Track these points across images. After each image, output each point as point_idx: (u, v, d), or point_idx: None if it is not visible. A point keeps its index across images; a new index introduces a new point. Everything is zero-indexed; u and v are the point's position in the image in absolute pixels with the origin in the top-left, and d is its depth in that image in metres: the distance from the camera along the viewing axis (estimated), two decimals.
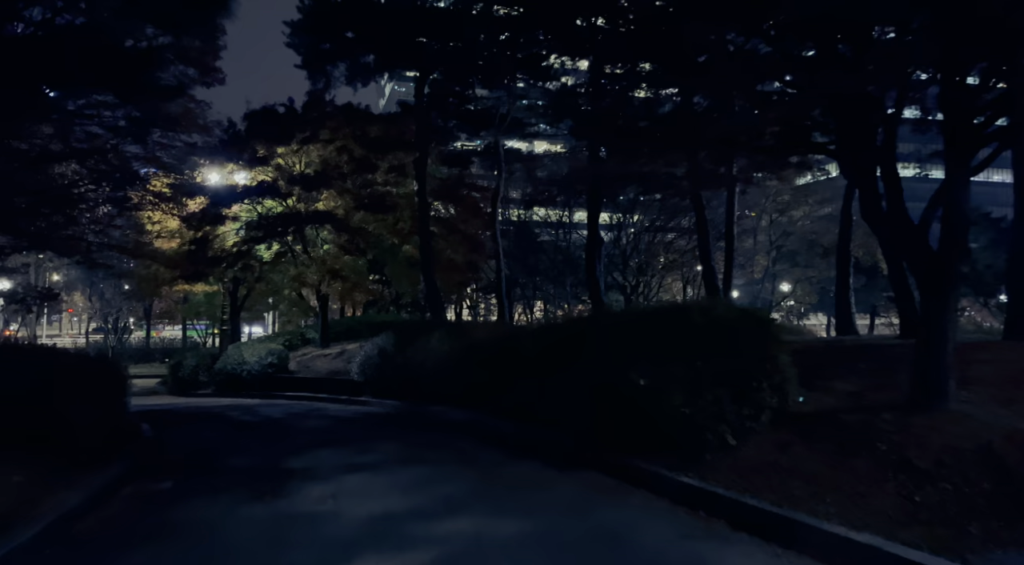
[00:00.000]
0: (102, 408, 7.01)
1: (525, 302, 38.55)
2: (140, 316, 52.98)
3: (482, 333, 13.48)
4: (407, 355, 13.77)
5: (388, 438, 8.98)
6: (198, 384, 20.58)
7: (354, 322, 26.30)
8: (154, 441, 8.38)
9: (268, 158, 17.64)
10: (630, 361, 6.58)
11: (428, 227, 17.68)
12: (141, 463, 6.70)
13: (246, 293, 27.42)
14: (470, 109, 21.01)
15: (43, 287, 30.47)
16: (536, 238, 34.30)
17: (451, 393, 11.86)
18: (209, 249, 18.01)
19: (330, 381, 16.69)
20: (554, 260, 31.84)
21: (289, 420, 11.69)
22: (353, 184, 17.87)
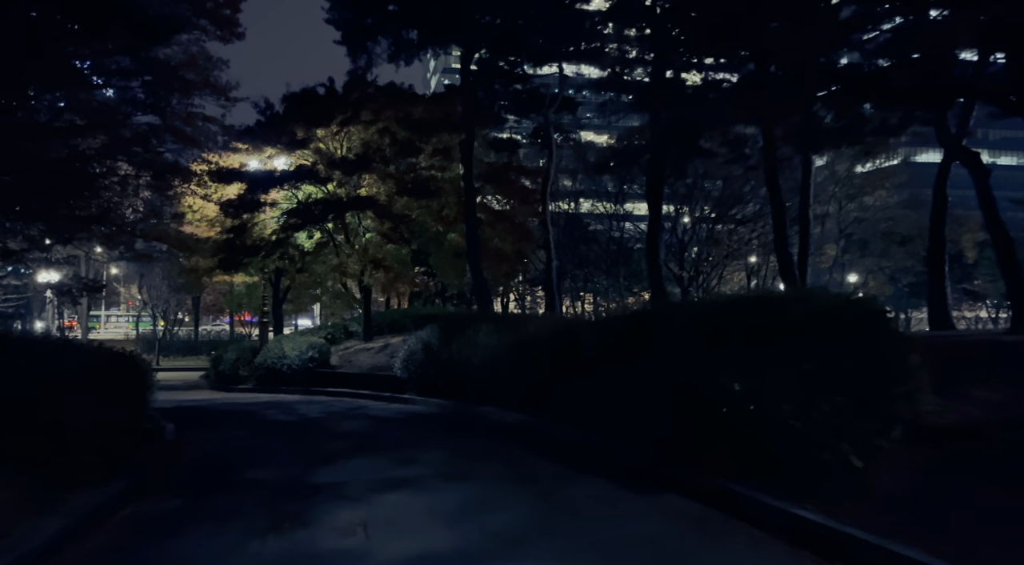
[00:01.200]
0: (110, 411, 6.26)
1: (573, 295, 37.42)
2: (189, 309, 53.82)
3: (534, 327, 12.42)
4: (453, 350, 12.95)
5: (432, 445, 8.07)
6: (238, 378, 20.19)
7: (398, 315, 25.64)
8: (174, 446, 7.66)
9: (307, 141, 16.96)
10: (716, 361, 5.51)
11: (475, 213, 16.74)
12: (150, 475, 5.94)
13: (288, 285, 27.07)
14: (518, 89, 19.98)
15: (89, 279, 30.87)
16: (586, 228, 33.14)
17: (500, 392, 11.02)
18: (247, 237, 17.49)
19: (372, 377, 15.99)
20: (607, 250, 30.61)
21: (326, 421, 10.94)
22: (396, 168, 17.08)
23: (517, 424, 9.54)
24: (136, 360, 8.44)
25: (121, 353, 8.28)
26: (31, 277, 32.53)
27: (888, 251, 33.73)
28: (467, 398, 11.98)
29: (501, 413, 10.49)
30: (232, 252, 17.34)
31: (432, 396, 13.14)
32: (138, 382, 7.95)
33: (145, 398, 8.21)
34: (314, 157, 17.22)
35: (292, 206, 17.43)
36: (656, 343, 6.82)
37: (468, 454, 7.38)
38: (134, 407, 7.52)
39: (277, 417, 11.61)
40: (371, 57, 16.34)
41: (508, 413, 10.38)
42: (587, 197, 33.72)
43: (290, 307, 32.13)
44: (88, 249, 36.78)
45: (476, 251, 16.80)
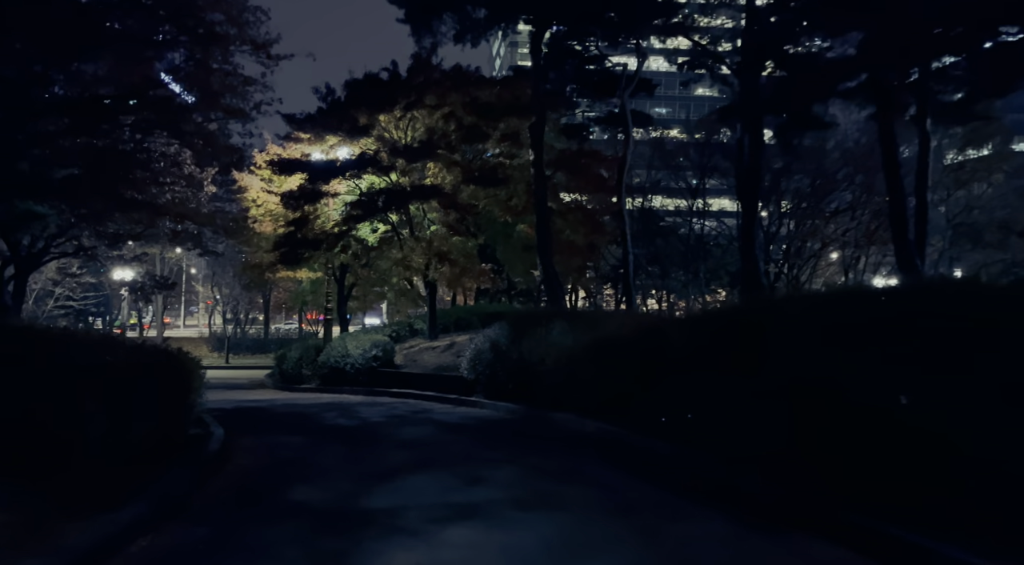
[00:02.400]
0: (139, 418, 5.57)
1: (644, 292, 35.84)
2: (260, 307, 55.05)
3: (614, 325, 11.33)
4: (523, 350, 12.04)
5: (504, 459, 7.10)
6: (302, 378, 19.87)
7: (464, 312, 24.94)
8: (217, 456, 6.95)
9: (369, 128, 16.33)
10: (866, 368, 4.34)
11: (545, 202, 15.73)
12: (180, 494, 5.17)
13: (353, 281, 26.78)
14: (590, 70, 18.87)
15: (161, 276, 31.63)
16: (659, 222, 31.60)
17: (577, 397, 10.06)
18: (308, 231, 17.03)
19: (437, 378, 15.25)
20: (685, 245, 28.97)
21: (387, 426, 10.16)
22: (461, 156, 16.23)
23: (597, 434, 8.58)
24: (180, 360, 7.81)
25: (163, 352, 7.67)
26: (105, 275, 33.56)
27: (1006, 242, 30.67)
28: (539, 403, 11.09)
29: (578, 421, 9.58)
30: (293, 246, 16.91)
31: (501, 399, 12.29)
32: (180, 384, 7.29)
33: (188, 402, 7.57)
34: (376, 144, 16.58)
35: (354, 198, 16.85)
36: (771, 341, 5.69)
37: (546, 473, 6.38)
38: (173, 413, 6.86)
39: (336, 421, 10.94)
40: (436, 37, 15.58)
41: (586, 421, 9.48)
42: (661, 193, 32.23)
43: (355, 305, 31.93)
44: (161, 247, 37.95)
45: (547, 243, 15.78)
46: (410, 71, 16.77)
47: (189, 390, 7.71)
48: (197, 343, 48.41)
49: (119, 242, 24.38)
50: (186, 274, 57.01)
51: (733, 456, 5.62)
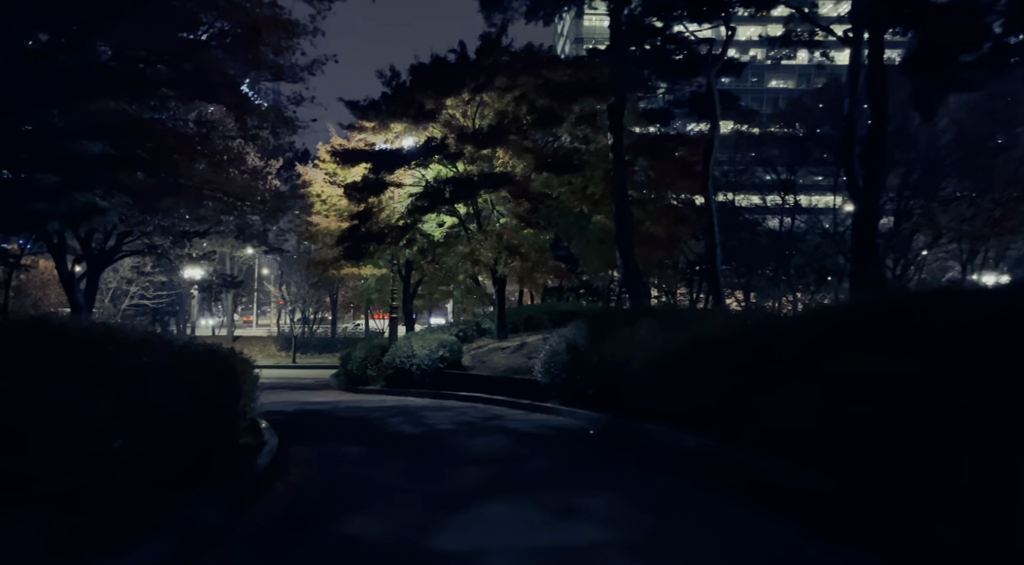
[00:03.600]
0: (175, 430, 4.78)
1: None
2: (328, 306, 55.63)
3: (709, 324, 10.08)
4: (604, 352, 10.95)
5: (595, 482, 6.05)
6: (366, 379, 19.31)
7: (534, 311, 23.96)
8: (267, 471, 6.16)
9: (436, 113, 15.52)
10: None
11: (625, 189, 14.57)
12: (214, 523, 4.33)
13: (419, 279, 26.21)
14: (671, 49, 17.54)
15: (229, 275, 32.00)
16: (739, 215, 29.79)
17: (670, 406, 8.90)
18: (372, 224, 16.38)
19: (508, 381, 14.32)
20: (774, 240, 27.08)
21: (456, 435, 9.26)
22: (533, 142, 15.22)
23: (699, 451, 7.42)
24: (228, 361, 7.08)
25: (209, 352, 6.94)
26: (176, 274, 34.25)
27: None
28: (624, 411, 9.97)
29: (673, 434, 8.43)
30: (357, 240, 16.29)
31: (580, 407, 11.25)
32: (226, 389, 6.53)
33: (237, 408, 6.81)
34: (443, 130, 15.76)
35: (420, 189, 16.11)
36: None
37: (653, 503, 5.29)
38: (218, 422, 6.09)
39: (401, 428, 10.12)
40: (507, 14, 14.63)
41: (682, 434, 8.32)
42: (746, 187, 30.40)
43: (421, 303, 31.47)
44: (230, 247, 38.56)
45: (627, 234, 14.61)
46: (479, 52, 15.89)
47: (238, 395, 6.97)
48: (266, 342, 49.26)
49: (187, 239, 24.62)
50: (258, 274, 58.21)
51: (885, 483, 4.41)
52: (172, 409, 4.85)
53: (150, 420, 4.45)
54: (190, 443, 5.17)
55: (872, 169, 11.02)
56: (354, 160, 16.37)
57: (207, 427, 5.69)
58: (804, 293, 28.82)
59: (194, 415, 5.31)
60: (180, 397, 5.08)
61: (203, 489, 4.95)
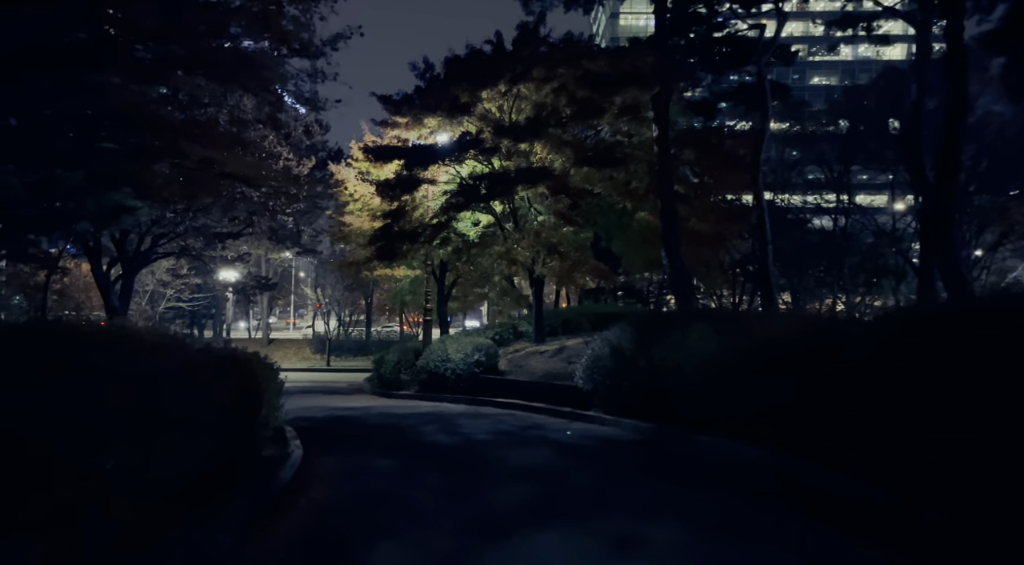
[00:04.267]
0: (186, 442, 4.30)
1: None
2: (363, 309, 55.66)
3: (768, 328, 9.34)
4: (653, 357, 10.31)
5: (652, 503, 5.44)
6: (399, 383, 18.86)
7: (572, 313, 23.28)
8: (288, 488, 5.69)
9: (471, 105, 14.99)
10: None
11: (671, 183, 13.84)
12: (222, 551, 3.82)
13: (453, 280, 25.75)
14: (718, 38, 16.75)
15: (262, 277, 32.02)
16: (788, 213, 28.66)
17: (725, 416, 8.17)
18: (405, 222, 15.93)
19: (548, 387, 13.71)
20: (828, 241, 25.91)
21: (494, 447, 8.68)
22: (573, 135, 14.58)
23: (761, 465, 6.80)
24: (248, 366, 6.60)
25: (228, 356, 6.48)
26: (211, 276, 34.42)
27: None
28: (674, 421, 9.15)
29: (731, 446, 7.81)
30: (390, 239, 15.84)
31: (625, 415, 10.61)
32: (246, 396, 6.05)
33: (257, 418, 6.33)
34: (479, 124, 15.23)
35: (454, 187, 15.60)
36: None
37: (719, 528, 4.65)
38: (236, 432, 5.62)
39: (434, 437, 9.58)
40: (545, 2, 14.01)
41: (741, 447, 7.69)
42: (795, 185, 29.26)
43: (456, 305, 31.05)
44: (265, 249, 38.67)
45: (673, 230, 13.87)
46: (515, 43, 15.34)
47: (258, 404, 6.48)
48: (300, 345, 49.42)
49: (220, 241, 24.59)
50: (295, 278, 58.62)
51: None
52: (182, 419, 4.36)
53: (158, 431, 3.97)
54: (204, 457, 4.70)
55: (949, 160, 10.06)
56: (387, 157, 15.95)
57: (223, 439, 5.21)
58: (857, 295, 27.57)
59: (208, 426, 4.83)
60: (192, 406, 4.59)
61: (216, 508, 4.46)
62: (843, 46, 78.28)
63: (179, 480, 4.40)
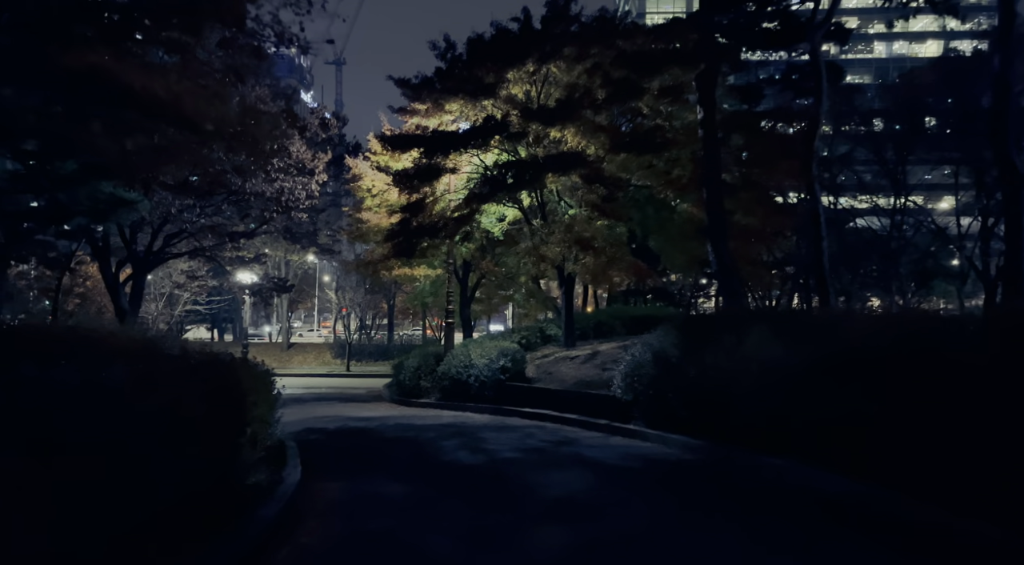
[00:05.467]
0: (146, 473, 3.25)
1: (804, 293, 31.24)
2: (385, 313, 54.88)
3: (846, 330, 8.09)
4: (704, 363, 9.20)
5: (734, 554, 4.25)
6: (420, 390, 17.82)
7: (604, 316, 22.08)
8: (273, 527, 4.63)
9: (496, 87, 13.89)
10: None
11: (719, 171, 12.62)
12: None
13: (477, 280, 24.72)
14: (767, 12, 15.45)
15: (278, 278, 31.26)
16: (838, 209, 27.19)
17: (795, 433, 7.03)
18: (425, 216, 14.87)
19: (581, 397, 12.59)
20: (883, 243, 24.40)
21: (524, 467, 7.60)
22: (609, 118, 13.42)
23: (846, 497, 5.80)
24: (233, 375, 5.56)
25: (209, 364, 5.44)
26: (227, 278, 33.75)
27: None
28: (730, 438, 8.12)
29: (805, 473, 6.82)
30: (407, 235, 14.79)
31: (671, 430, 9.42)
32: (228, 413, 5.01)
33: (240, 438, 5.28)
34: (505, 107, 14.12)
35: (477, 177, 14.51)
36: None
37: None
38: (214, 456, 4.58)
39: (456, 455, 8.51)
40: None
41: (819, 473, 6.73)
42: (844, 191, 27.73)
43: (480, 308, 29.99)
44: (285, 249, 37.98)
45: (720, 223, 12.64)
46: (544, 21, 14.24)
47: (242, 420, 5.42)
48: (321, 349, 48.76)
49: (235, 240, 23.81)
50: (318, 281, 58.10)
51: None
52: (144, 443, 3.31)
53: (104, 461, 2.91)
54: (174, 487, 3.64)
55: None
56: (405, 146, 14.91)
57: (188, 468, 4.15)
58: (910, 297, 25.94)
59: (179, 449, 3.78)
60: (159, 427, 3.54)
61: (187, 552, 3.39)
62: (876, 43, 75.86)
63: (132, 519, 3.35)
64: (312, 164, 19.10)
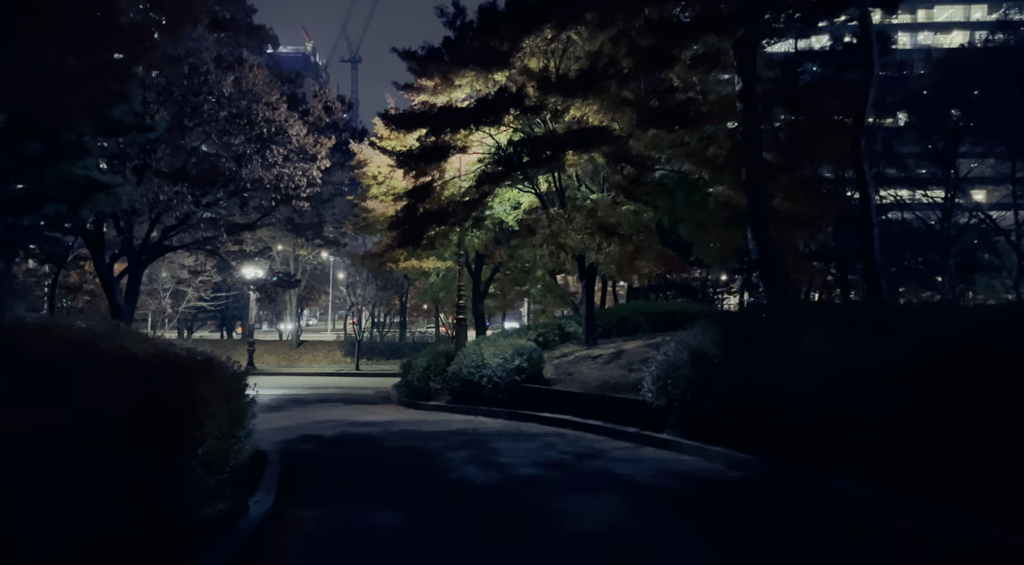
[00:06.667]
0: None
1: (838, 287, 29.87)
2: (398, 310, 53.98)
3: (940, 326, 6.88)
4: (752, 365, 8.10)
5: None
6: (429, 392, 16.75)
7: (628, 312, 20.90)
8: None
9: (510, 56, 12.72)
10: None
11: (760, 148, 11.38)
12: None
13: (490, 274, 23.65)
14: None
15: (284, 273, 30.34)
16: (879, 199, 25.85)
17: (863, 446, 6.10)
18: (432, 202, 13.77)
19: (605, 401, 11.47)
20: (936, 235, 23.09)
21: (544, 489, 6.56)
22: (635, 92, 12.24)
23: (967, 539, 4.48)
24: (188, 380, 4.49)
25: (155, 366, 4.37)
26: (231, 274, 32.85)
27: None
28: (786, 452, 7.05)
29: (888, 499, 5.85)
30: (413, 222, 13.69)
31: (712, 441, 8.32)
32: (171, 429, 3.95)
33: (186, 460, 4.21)
34: (521, 78, 12.95)
35: (489, 157, 13.37)
36: None
37: None
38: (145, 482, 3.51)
39: (464, 472, 7.45)
40: None
41: (901, 500, 5.45)
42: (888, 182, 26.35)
43: (493, 304, 28.90)
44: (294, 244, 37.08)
45: (763, 206, 11.43)
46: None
47: (192, 439, 4.35)
48: (331, 347, 47.93)
49: (236, 232, 22.88)
50: (332, 277, 57.36)
51: None
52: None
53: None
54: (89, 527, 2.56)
55: None
56: (411, 125, 13.78)
57: (99, 502, 3.08)
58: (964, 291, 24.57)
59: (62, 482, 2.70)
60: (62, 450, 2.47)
61: None
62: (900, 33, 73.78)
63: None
64: (314, 149, 18.08)
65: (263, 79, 16.91)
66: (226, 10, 20.04)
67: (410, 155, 13.32)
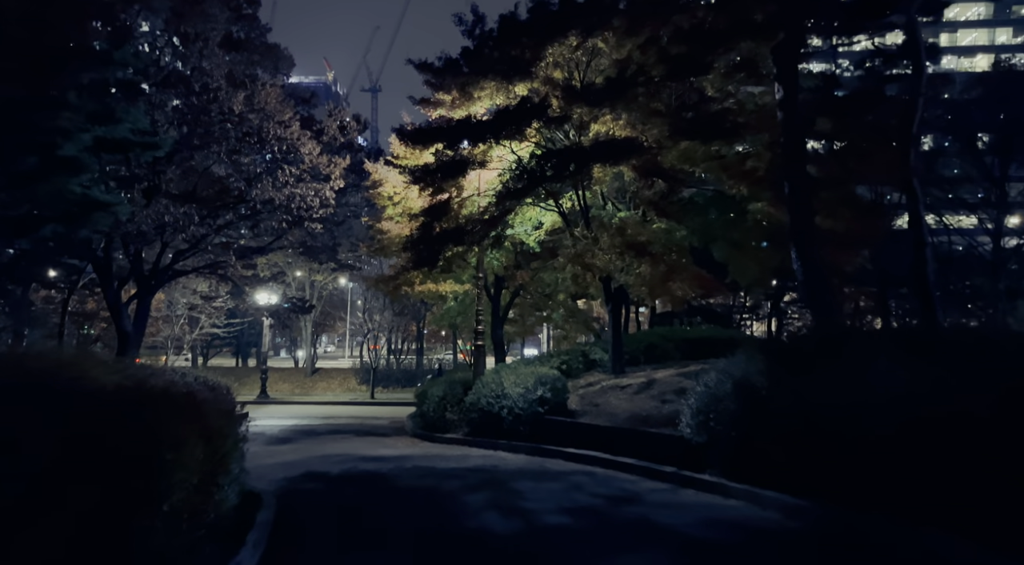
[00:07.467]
0: None
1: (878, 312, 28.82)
2: (415, 336, 53.28)
3: None
4: (807, 398, 7.21)
5: None
6: (445, 424, 15.91)
7: (656, 338, 19.96)
8: None
9: (532, 64, 12.06)
10: None
11: (803, 160, 10.58)
12: None
13: (510, 298, 22.84)
14: None
15: (297, 298, 29.82)
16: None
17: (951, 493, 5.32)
18: (448, 220, 13.07)
19: (637, 436, 10.59)
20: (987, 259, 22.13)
21: (576, 545, 5.80)
22: (666, 101, 11.52)
23: None
24: (154, 418, 3.73)
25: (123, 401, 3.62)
26: (243, 299, 32.37)
27: None
28: (852, 498, 6.19)
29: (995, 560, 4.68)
30: (429, 242, 12.97)
31: (763, 484, 7.44)
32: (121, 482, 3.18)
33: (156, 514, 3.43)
34: (544, 89, 12.28)
35: (509, 174, 12.66)
36: None
37: None
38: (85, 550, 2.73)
39: (482, 521, 6.62)
40: None
41: None
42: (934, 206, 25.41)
43: (513, 329, 28.02)
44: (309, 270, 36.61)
45: (808, 223, 10.58)
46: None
47: (152, 493, 3.57)
48: (346, 375, 47.17)
49: (248, 256, 22.39)
50: (350, 304, 56.93)
51: None
52: None
53: None
54: None
55: None
56: (428, 140, 13.14)
57: None
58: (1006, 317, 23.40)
59: None
60: None
61: None
62: None
63: None
64: (328, 169, 17.56)
65: (275, 97, 16.48)
66: (241, 30, 19.80)
67: (426, 170, 12.64)
